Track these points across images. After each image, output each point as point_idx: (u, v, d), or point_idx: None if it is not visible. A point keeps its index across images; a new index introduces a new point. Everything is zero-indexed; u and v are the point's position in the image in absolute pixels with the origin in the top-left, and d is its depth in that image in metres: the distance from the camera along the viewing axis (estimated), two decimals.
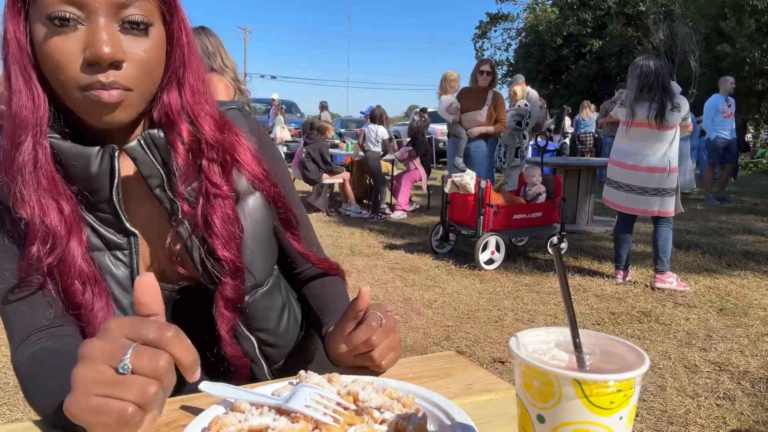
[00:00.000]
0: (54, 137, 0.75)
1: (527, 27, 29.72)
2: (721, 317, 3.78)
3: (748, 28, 16.66)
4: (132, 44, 0.72)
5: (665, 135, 4.14)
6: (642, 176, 4.20)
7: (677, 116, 4.11)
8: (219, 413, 0.62)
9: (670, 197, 4.16)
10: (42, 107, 0.73)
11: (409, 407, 0.64)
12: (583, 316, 3.78)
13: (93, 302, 0.77)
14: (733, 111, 8.55)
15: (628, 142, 4.29)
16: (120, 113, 0.73)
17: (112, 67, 0.70)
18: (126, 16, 0.71)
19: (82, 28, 0.69)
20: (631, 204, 4.29)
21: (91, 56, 0.68)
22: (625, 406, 0.47)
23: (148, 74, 0.75)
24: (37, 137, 0.73)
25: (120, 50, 0.70)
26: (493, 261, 5.03)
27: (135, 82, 0.73)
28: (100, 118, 0.73)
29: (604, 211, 7.79)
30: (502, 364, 3.05)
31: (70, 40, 0.69)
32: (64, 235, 0.75)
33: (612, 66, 24.04)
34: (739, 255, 5.48)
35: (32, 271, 0.75)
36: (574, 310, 0.53)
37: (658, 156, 4.14)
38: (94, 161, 0.76)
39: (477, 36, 33.23)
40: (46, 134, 0.74)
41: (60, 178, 0.75)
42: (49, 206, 0.74)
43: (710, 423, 2.45)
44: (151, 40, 0.74)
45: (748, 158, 14.72)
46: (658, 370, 2.96)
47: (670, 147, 4.14)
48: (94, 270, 0.78)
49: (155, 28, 0.75)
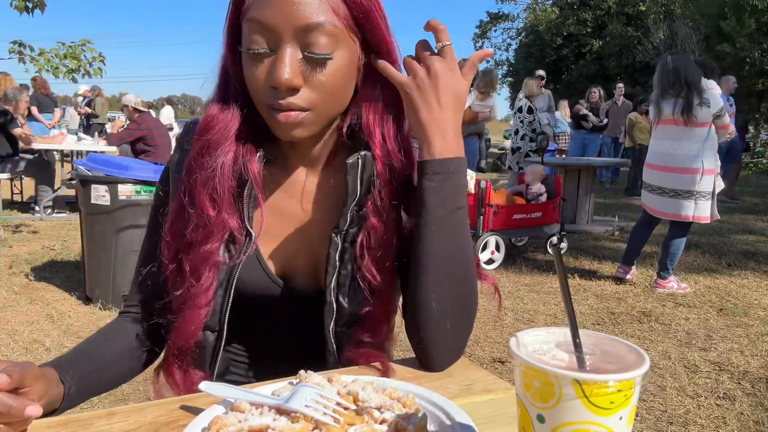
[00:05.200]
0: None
1: (527, 27, 29.72)
2: (721, 317, 3.78)
3: (748, 28, 16.65)
4: (313, 70, 0.78)
5: (695, 133, 3.91)
6: (673, 177, 3.98)
7: (707, 112, 3.87)
8: (219, 413, 0.62)
9: (705, 201, 3.91)
10: (237, 120, 0.84)
11: (409, 407, 0.64)
12: (583, 316, 3.78)
13: (212, 281, 0.83)
14: (734, 110, 8.54)
15: (658, 142, 4.11)
16: (298, 131, 0.81)
17: (291, 92, 0.77)
18: (308, 44, 0.76)
19: (271, 56, 0.77)
20: (665, 208, 4.07)
21: (271, 82, 0.77)
22: (625, 406, 0.47)
23: (329, 96, 0.80)
24: (231, 145, 0.83)
25: (297, 77, 0.77)
26: (493, 261, 5.03)
27: (313, 104, 0.79)
28: (281, 134, 0.82)
29: (604, 211, 7.80)
30: (502, 364, 3.05)
31: (261, 67, 0.78)
32: (221, 229, 0.83)
33: (612, 66, 24.03)
34: (739, 255, 5.48)
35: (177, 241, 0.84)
36: (574, 310, 0.53)
37: (689, 156, 3.92)
38: (257, 159, 0.85)
39: (477, 36, 33.24)
40: (237, 143, 0.84)
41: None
42: (229, 205, 0.83)
43: (710, 423, 2.45)
44: (335, 64, 0.78)
45: (748, 158, 14.71)
46: (658, 370, 2.96)
47: (703, 147, 3.89)
48: (217, 261, 0.84)
49: (341, 52, 0.79)
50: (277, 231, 0.90)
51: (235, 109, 0.84)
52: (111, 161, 3.78)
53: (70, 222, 6.43)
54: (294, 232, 0.90)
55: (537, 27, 27.85)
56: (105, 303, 3.67)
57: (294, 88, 0.77)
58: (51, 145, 7.16)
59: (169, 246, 0.85)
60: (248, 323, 0.92)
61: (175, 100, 29.28)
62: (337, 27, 0.77)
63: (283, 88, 0.76)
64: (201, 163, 0.83)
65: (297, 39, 0.76)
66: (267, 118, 0.81)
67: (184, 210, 0.84)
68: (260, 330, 0.94)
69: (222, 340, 0.87)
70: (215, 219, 0.82)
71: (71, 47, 6.43)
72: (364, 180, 0.85)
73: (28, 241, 5.59)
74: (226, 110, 0.84)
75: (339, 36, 0.77)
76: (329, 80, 0.78)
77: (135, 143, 6.39)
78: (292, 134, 0.81)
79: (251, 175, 0.83)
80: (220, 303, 0.85)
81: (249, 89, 0.81)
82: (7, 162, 6.52)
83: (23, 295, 3.93)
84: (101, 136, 8.48)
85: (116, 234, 3.62)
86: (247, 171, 0.83)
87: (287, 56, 0.76)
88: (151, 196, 3.68)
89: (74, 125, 11.81)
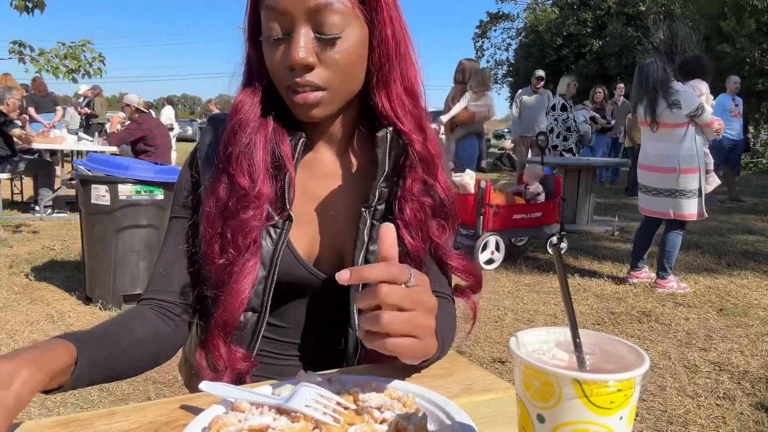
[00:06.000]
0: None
1: (527, 27, 29.70)
2: (721, 317, 3.78)
3: (748, 28, 16.65)
4: (326, 48, 0.81)
5: (672, 134, 4.01)
6: (654, 177, 4.13)
7: (677, 113, 3.96)
8: (219, 413, 0.62)
9: (686, 199, 4.01)
10: (262, 102, 0.88)
11: (410, 407, 0.64)
12: (583, 316, 3.78)
13: (254, 255, 0.85)
14: (740, 110, 8.51)
15: (644, 143, 4.25)
16: (317, 111, 0.84)
17: (306, 70, 0.81)
18: (319, 25, 0.80)
19: (288, 39, 0.81)
20: (648, 206, 4.22)
21: (287, 61, 0.81)
22: (625, 406, 0.47)
23: (343, 74, 0.83)
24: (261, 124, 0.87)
25: (311, 55, 0.80)
26: (493, 261, 5.03)
27: (328, 82, 0.82)
28: (300, 114, 0.86)
29: (604, 211, 7.79)
30: (502, 363, 3.05)
31: (278, 52, 0.82)
32: (267, 201, 0.86)
33: (612, 66, 24.02)
34: (739, 255, 5.48)
35: (218, 217, 0.86)
36: (574, 310, 0.53)
37: (667, 156, 4.03)
38: (288, 139, 0.88)
39: (477, 35, 33.23)
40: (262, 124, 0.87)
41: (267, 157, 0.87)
42: (265, 177, 0.86)
43: (710, 423, 2.45)
44: (346, 42, 0.81)
45: (748, 158, 14.71)
46: (658, 370, 2.96)
47: (679, 146, 3.98)
48: (257, 235, 0.86)
49: (351, 30, 0.82)
50: (302, 213, 0.92)
51: (260, 92, 0.88)
52: (111, 161, 3.78)
53: (70, 222, 6.43)
54: (319, 214, 0.93)
55: (537, 27, 27.83)
56: (105, 303, 3.67)
57: (308, 66, 0.81)
58: (51, 145, 7.16)
59: (211, 220, 0.87)
60: (276, 307, 0.93)
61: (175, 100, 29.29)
62: (346, 6, 0.80)
63: (299, 67, 0.80)
64: (235, 140, 0.87)
65: (309, 20, 0.80)
66: (288, 101, 0.85)
67: (222, 185, 0.87)
68: (288, 313, 0.96)
69: (263, 321, 0.90)
70: (251, 191, 0.85)
71: (71, 47, 6.43)
72: (392, 155, 0.88)
73: (28, 241, 5.59)
74: (253, 95, 0.88)
75: (348, 14, 0.81)
76: (342, 57, 0.81)
77: (135, 143, 6.39)
78: (312, 114, 0.84)
79: (283, 153, 0.87)
80: (263, 284, 0.88)
81: (270, 75, 0.85)
82: (6, 162, 6.52)
83: (23, 295, 3.93)
84: (101, 136, 8.48)
85: (116, 234, 3.62)
86: (279, 149, 0.87)
87: (301, 37, 0.79)
88: (152, 196, 3.72)
89: (74, 125, 11.80)
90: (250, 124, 0.87)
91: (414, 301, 0.65)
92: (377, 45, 0.85)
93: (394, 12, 0.85)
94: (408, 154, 0.88)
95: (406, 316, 0.64)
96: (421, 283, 0.68)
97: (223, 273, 0.86)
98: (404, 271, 0.65)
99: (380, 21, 0.84)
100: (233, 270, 0.85)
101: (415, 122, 0.88)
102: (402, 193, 0.89)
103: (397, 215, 0.89)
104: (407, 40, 0.88)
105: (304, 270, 0.91)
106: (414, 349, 0.66)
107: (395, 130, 0.87)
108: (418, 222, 0.89)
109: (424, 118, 0.90)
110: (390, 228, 0.67)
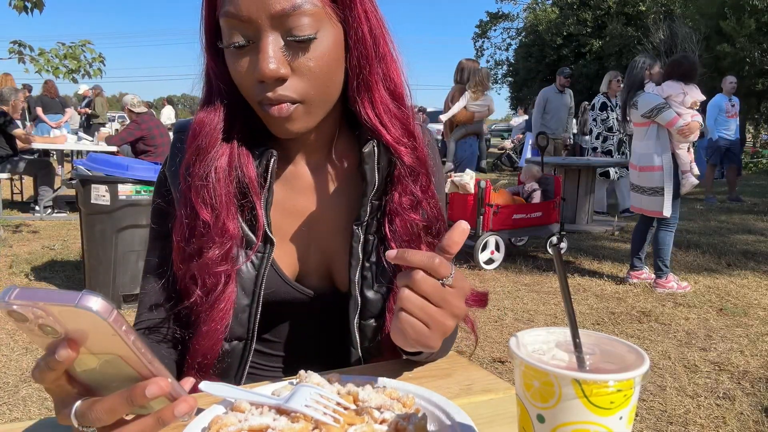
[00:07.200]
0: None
1: (527, 27, 29.70)
2: (721, 317, 3.78)
3: (748, 28, 16.64)
4: (298, 56, 0.73)
5: (642, 132, 4.17)
6: (635, 175, 4.25)
7: (634, 113, 4.16)
8: (219, 413, 0.62)
9: (658, 197, 4.09)
10: (224, 122, 0.80)
11: (409, 407, 0.64)
12: (583, 316, 3.78)
13: (224, 289, 0.80)
14: (737, 111, 8.49)
15: (632, 142, 4.41)
16: (294, 125, 0.77)
17: (278, 83, 0.73)
18: (289, 29, 0.72)
19: (253, 48, 0.73)
20: (636, 203, 4.32)
21: (255, 75, 0.73)
22: (625, 406, 0.47)
23: (320, 83, 0.75)
24: (223, 149, 0.80)
25: (282, 66, 0.72)
26: (493, 261, 5.03)
27: (304, 94, 0.75)
28: (278, 131, 0.78)
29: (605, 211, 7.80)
30: (502, 364, 3.05)
31: (244, 62, 0.74)
32: (231, 238, 0.80)
33: (612, 66, 23.97)
34: (739, 255, 5.48)
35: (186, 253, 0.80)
36: (574, 310, 0.53)
37: (645, 154, 4.16)
38: (254, 162, 0.81)
39: (477, 35, 33.23)
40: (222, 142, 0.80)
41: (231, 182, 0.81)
42: (228, 211, 0.80)
43: (710, 423, 2.45)
44: (320, 47, 0.74)
45: (748, 158, 14.71)
46: (658, 370, 2.96)
47: (654, 145, 4.08)
48: (229, 271, 0.81)
49: (324, 32, 0.74)
50: (285, 231, 0.87)
51: (222, 110, 0.80)
52: (111, 161, 3.78)
53: (70, 222, 6.44)
54: (304, 231, 0.88)
55: (537, 27, 27.82)
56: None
57: (281, 78, 0.73)
58: (51, 145, 7.16)
59: (180, 254, 0.81)
60: (265, 327, 0.89)
61: (175, 100, 29.26)
62: (316, 6, 0.72)
63: (270, 80, 0.72)
64: (193, 170, 0.79)
65: (276, 26, 0.71)
66: (262, 116, 0.78)
67: (185, 219, 0.81)
68: (278, 332, 0.93)
69: (251, 349, 0.85)
70: (213, 226, 0.79)
71: (71, 47, 6.43)
72: (380, 168, 0.83)
73: (28, 241, 5.60)
74: (212, 113, 0.80)
75: (319, 15, 0.73)
76: (317, 64, 0.74)
77: (135, 143, 6.39)
78: (289, 129, 0.77)
79: (248, 181, 0.80)
80: (247, 312, 0.83)
81: (238, 87, 0.77)
82: (7, 162, 6.52)
83: None
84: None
85: (116, 234, 3.62)
86: (244, 176, 0.80)
87: (269, 46, 0.71)
88: (151, 196, 3.70)
89: (74, 125, 11.80)
90: (210, 151, 0.79)
91: (442, 299, 0.64)
92: (354, 45, 0.77)
93: (368, 4, 0.77)
94: (396, 165, 0.83)
95: (425, 303, 0.63)
96: (459, 287, 0.66)
97: (194, 312, 0.81)
98: (446, 267, 0.64)
99: (355, 18, 0.76)
100: (203, 309, 0.80)
101: (402, 127, 0.82)
102: (391, 207, 0.84)
103: (387, 229, 0.84)
104: (386, 36, 0.80)
105: (292, 289, 0.87)
106: (420, 333, 0.64)
107: (382, 143, 0.82)
108: (410, 236, 0.84)
109: (411, 120, 0.84)
110: (466, 229, 0.65)
